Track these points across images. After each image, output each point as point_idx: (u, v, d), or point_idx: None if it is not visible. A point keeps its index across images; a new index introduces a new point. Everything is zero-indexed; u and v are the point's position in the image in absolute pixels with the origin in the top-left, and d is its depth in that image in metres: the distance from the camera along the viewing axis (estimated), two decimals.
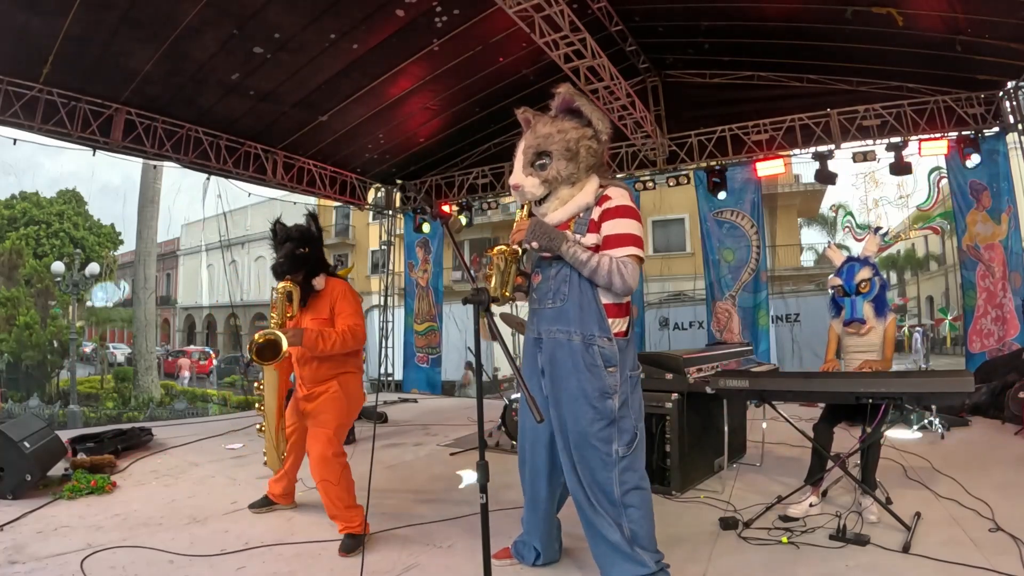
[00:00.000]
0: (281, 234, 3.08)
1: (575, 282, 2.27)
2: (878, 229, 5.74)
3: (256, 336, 2.76)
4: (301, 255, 3.00)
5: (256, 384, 2.96)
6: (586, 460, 2.22)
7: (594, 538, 2.25)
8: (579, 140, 2.28)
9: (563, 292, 2.28)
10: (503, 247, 2.34)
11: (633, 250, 2.19)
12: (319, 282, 3.04)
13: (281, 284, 2.93)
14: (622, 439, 2.21)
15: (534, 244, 2.29)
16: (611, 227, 2.22)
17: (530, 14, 4.62)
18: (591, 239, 2.25)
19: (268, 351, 2.74)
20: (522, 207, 2.41)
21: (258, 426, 3.04)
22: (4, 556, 2.68)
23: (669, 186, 8.07)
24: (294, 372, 3.13)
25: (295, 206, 7.17)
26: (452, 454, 4.86)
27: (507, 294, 2.33)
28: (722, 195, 7.54)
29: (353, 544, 2.79)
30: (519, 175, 2.35)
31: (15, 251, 21.17)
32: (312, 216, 3.20)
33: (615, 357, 2.22)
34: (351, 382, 3.07)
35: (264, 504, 3.36)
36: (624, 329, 2.30)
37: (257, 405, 3.04)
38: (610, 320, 2.25)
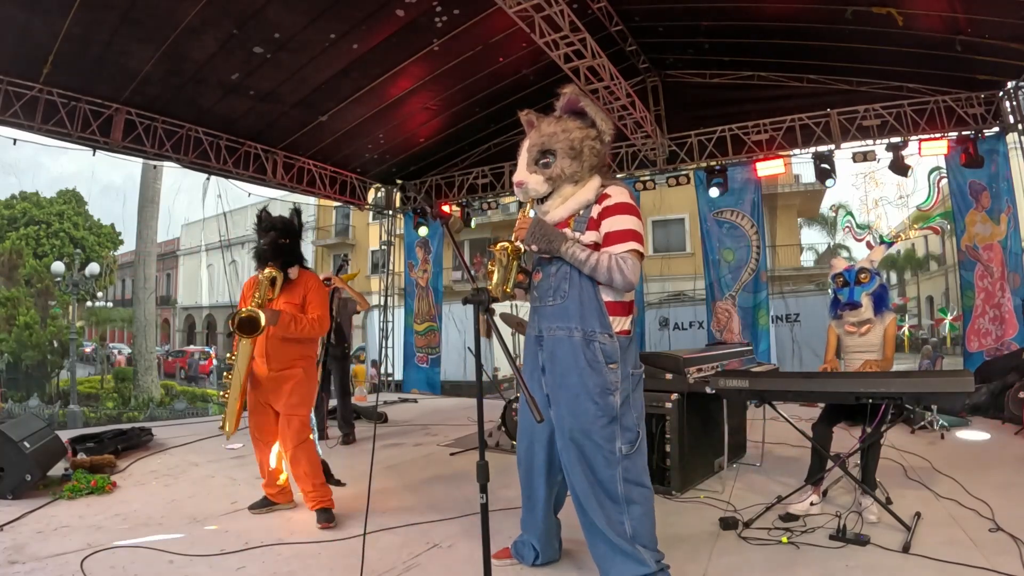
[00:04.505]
0: (266, 222, 3.30)
1: (576, 279, 2.27)
2: (891, 244, 5.73)
3: (240, 311, 3.01)
4: (282, 245, 3.25)
5: (229, 355, 3.14)
6: (588, 458, 2.22)
7: (593, 537, 2.25)
8: (583, 140, 2.30)
9: (564, 289, 2.29)
10: (506, 244, 2.35)
11: (633, 245, 2.20)
12: (293, 272, 3.30)
13: (268, 270, 3.16)
14: (625, 437, 2.21)
15: (534, 247, 2.30)
16: (611, 224, 2.23)
17: (530, 14, 4.62)
18: (591, 236, 2.26)
19: (247, 326, 2.97)
20: (524, 206, 2.42)
21: (221, 394, 3.17)
22: (4, 556, 2.68)
23: (669, 186, 8.07)
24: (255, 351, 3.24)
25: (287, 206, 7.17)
26: (452, 454, 4.86)
27: (508, 290, 2.35)
28: (714, 192, 7.54)
29: (329, 516, 3.10)
30: (523, 172, 2.35)
31: (15, 251, 21.17)
32: (296, 212, 3.42)
33: (616, 354, 2.22)
34: (311, 368, 3.33)
35: (264, 504, 3.36)
36: (627, 328, 2.30)
37: (225, 374, 3.15)
38: (612, 318, 2.25)
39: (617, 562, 2.18)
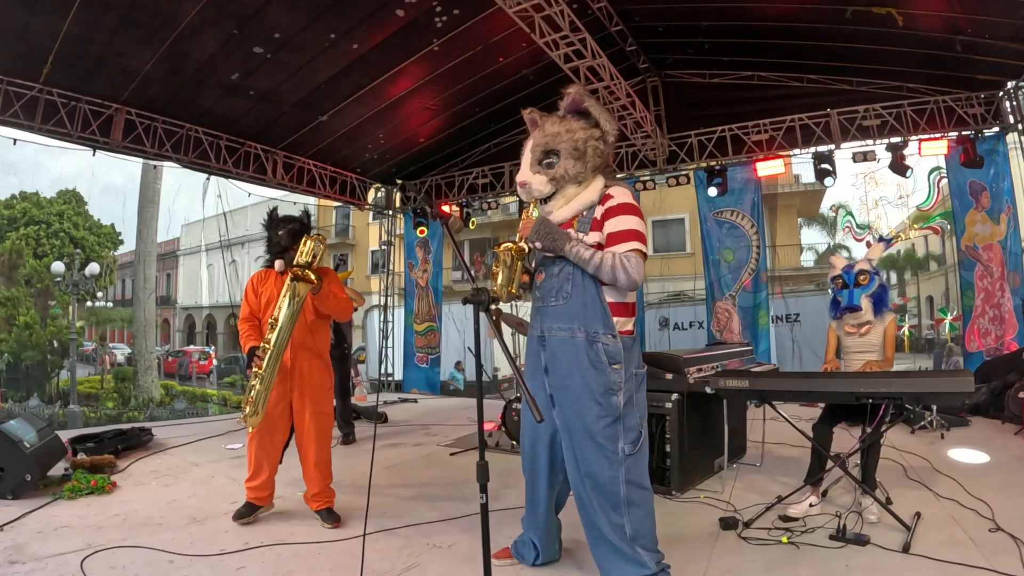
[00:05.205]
0: (283, 217, 3.36)
1: (579, 280, 2.27)
2: (890, 242, 5.71)
3: (299, 260, 2.97)
4: (300, 233, 3.26)
5: (273, 319, 2.97)
6: (590, 458, 2.22)
7: (595, 538, 2.25)
8: (587, 140, 2.29)
9: (567, 290, 2.29)
10: (509, 244, 2.35)
11: (636, 244, 2.20)
12: None
13: (315, 238, 3.07)
14: (627, 437, 2.21)
15: (538, 244, 2.30)
16: (614, 224, 2.23)
17: (530, 14, 4.62)
18: (594, 237, 2.26)
19: (302, 276, 2.93)
20: (527, 207, 2.41)
21: (255, 370, 2.94)
22: (4, 556, 2.68)
23: (669, 186, 8.06)
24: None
25: (295, 206, 7.18)
26: (452, 454, 4.87)
27: (513, 291, 2.35)
28: (713, 191, 7.55)
29: (336, 515, 3.15)
30: (526, 172, 2.35)
31: (15, 251, 21.17)
32: (307, 213, 3.49)
33: (619, 354, 2.22)
34: (330, 361, 3.42)
35: (250, 512, 3.20)
36: (630, 328, 2.30)
37: (265, 344, 2.96)
38: (615, 319, 2.25)
39: (618, 564, 2.18)
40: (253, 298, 3.26)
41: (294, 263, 2.98)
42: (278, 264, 3.23)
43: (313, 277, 2.94)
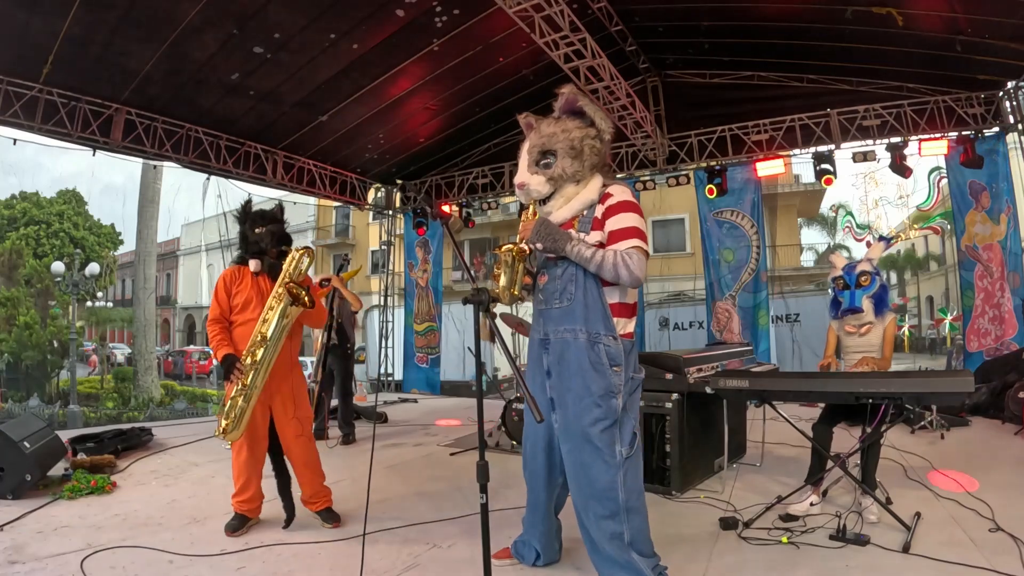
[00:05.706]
0: (264, 215, 3.22)
1: (581, 282, 2.27)
2: (890, 242, 5.71)
3: (298, 286, 2.96)
4: (285, 237, 3.24)
5: (262, 335, 2.89)
6: (588, 464, 2.21)
7: (593, 546, 2.24)
8: (583, 139, 2.29)
9: (570, 292, 2.29)
10: (511, 245, 2.33)
11: (637, 242, 2.19)
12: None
13: (300, 251, 3.02)
14: (624, 439, 2.21)
15: (539, 245, 2.30)
16: (614, 222, 2.23)
17: (530, 14, 4.62)
18: (595, 236, 2.25)
19: (299, 298, 2.96)
20: (527, 208, 2.41)
21: (239, 386, 2.86)
22: (4, 556, 2.68)
23: (669, 186, 8.07)
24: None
25: (295, 206, 7.18)
26: (452, 454, 4.87)
27: (516, 292, 2.33)
28: (715, 191, 7.54)
29: (336, 515, 3.16)
30: (524, 174, 2.35)
31: (15, 251, 21.17)
32: (281, 209, 3.36)
33: (620, 356, 2.22)
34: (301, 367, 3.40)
35: (242, 524, 3.08)
36: (631, 330, 2.30)
37: (247, 359, 2.88)
38: (617, 320, 2.25)
39: (616, 572, 2.17)
40: (224, 298, 3.10)
41: (289, 280, 2.91)
42: (253, 264, 3.11)
43: (307, 300, 2.92)
